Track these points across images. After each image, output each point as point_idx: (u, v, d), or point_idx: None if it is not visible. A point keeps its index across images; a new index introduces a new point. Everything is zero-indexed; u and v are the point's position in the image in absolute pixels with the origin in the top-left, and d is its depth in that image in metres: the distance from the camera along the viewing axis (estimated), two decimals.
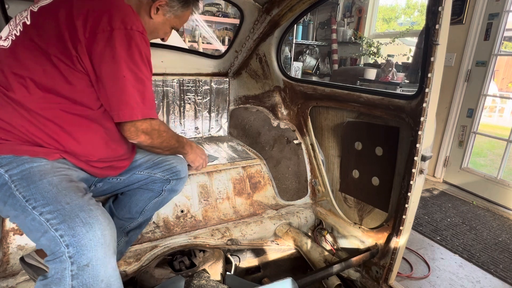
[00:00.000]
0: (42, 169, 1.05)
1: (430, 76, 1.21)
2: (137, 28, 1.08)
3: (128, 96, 1.09)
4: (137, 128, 1.16)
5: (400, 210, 1.46)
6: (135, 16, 1.12)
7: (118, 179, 1.46)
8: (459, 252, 2.31)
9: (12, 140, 1.07)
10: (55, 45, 1.05)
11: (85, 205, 1.00)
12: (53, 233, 0.95)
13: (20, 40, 1.09)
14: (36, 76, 1.06)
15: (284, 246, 1.91)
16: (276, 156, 2.22)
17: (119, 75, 1.06)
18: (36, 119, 1.08)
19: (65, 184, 1.04)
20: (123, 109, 1.10)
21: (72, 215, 0.96)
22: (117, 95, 1.08)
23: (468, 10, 3.19)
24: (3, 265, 1.41)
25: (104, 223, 0.99)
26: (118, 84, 1.07)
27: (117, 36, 1.04)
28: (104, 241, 0.97)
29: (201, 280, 1.43)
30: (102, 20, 1.04)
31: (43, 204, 0.98)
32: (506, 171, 3.28)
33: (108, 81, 1.07)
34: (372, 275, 1.65)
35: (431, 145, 1.37)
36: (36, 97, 1.07)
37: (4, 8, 1.78)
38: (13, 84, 1.06)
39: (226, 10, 5.11)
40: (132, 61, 1.07)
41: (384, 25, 6.61)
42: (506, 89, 8.07)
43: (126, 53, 1.05)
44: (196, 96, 2.54)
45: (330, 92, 1.84)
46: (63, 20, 1.04)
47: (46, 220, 0.96)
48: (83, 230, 0.94)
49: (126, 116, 1.11)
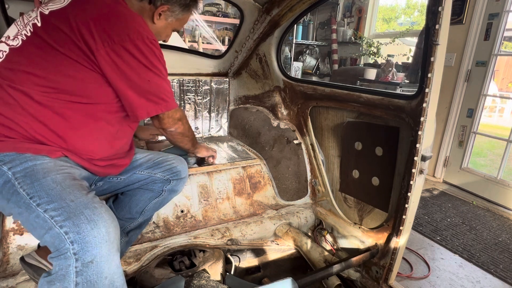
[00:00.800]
0: (45, 167, 1.06)
1: (430, 76, 1.21)
2: (152, 37, 1.17)
3: (159, 93, 1.22)
4: (173, 117, 1.35)
5: (400, 210, 1.46)
6: (146, 26, 1.19)
7: (118, 179, 1.47)
8: (459, 252, 2.31)
9: (15, 138, 1.07)
10: (69, 48, 1.07)
11: (90, 203, 1.01)
12: (58, 230, 0.95)
13: (31, 40, 1.11)
14: (48, 74, 1.08)
15: (284, 246, 1.91)
16: (276, 156, 2.22)
17: (143, 80, 1.17)
18: (42, 115, 1.09)
19: (68, 182, 1.05)
20: (159, 103, 1.24)
21: (77, 212, 0.97)
22: (146, 94, 1.19)
23: (468, 10, 3.19)
24: (3, 265, 1.41)
25: (108, 221, 1.00)
26: (144, 87, 1.18)
27: (135, 47, 1.11)
28: (108, 238, 0.98)
29: (201, 280, 1.43)
30: (120, 31, 1.09)
31: (47, 201, 0.98)
32: (506, 171, 3.28)
33: (135, 87, 1.16)
34: (372, 275, 1.65)
35: (431, 145, 1.37)
36: (46, 93, 1.08)
37: (4, 8, 1.78)
38: (23, 81, 1.07)
39: (226, 10, 5.11)
40: (153, 66, 1.17)
41: (384, 25, 6.61)
42: (506, 89, 8.07)
43: (146, 60, 1.15)
44: (196, 96, 2.54)
45: (330, 92, 1.84)
46: (76, 27, 1.07)
47: (50, 217, 0.97)
48: (88, 227, 0.95)
49: (163, 108, 1.26)
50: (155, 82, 1.20)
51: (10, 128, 1.07)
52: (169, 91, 1.28)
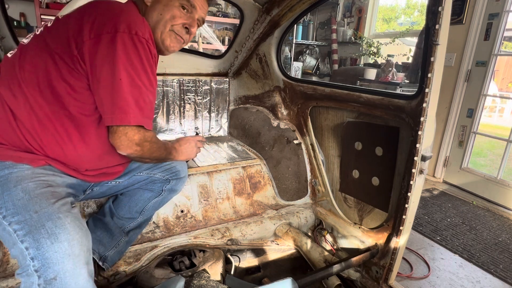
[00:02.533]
0: (20, 175, 1.02)
1: (430, 76, 1.21)
2: (142, 34, 1.06)
3: (122, 100, 1.04)
4: (129, 138, 1.08)
5: (400, 210, 1.46)
6: (142, 23, 1.10)
7: (116, 182, 1.46)
8: (459, 252, 2.31)
9: (3, 144, 1.06)
10: (59, 44, 1.07)
11: (54, 213, 0.96)
12: (20, 245, 0.93)
13: (36, 38, 1.13)
14: (37, 75, 1.07)
15: (284, 246, 1.91)
16: (276, 156, 2.22)
17: (115, 77, 1.03)
18: (28, 121, 1.06)
19: (39, 191, 1.01)
20: (116, 113, 1.04)
21: (38, 226, 0.93)
22: (111, 97, 1.04)
23: (468, 10, 3.19)
24: (3, 265, 1.41)
25: (72, 232, 0.95)
26: (114, 86, 1.03)
27: (120, 39, 1.02)
28: (71, 251, 0.93)
29: (201, 280, 1.43)
30: (108, 23, 1.04)
31: (12, 213, 0.96)
32: (506, 171, 3.28)
33: (105, 82, 1.04)
34: (372, 275, 1.65)
35: (431, 145, 1.37)
36: (34, 94, 1.07)
37: (4, 8, 1.78)
38: (20, 79, 1.07)
39: (226, 10, 5.10)
40: (131, 66, 1.04)
41: (384, 25, 6.61)
42: (506, 89, 8.07)
43: (126, 56, 1.03)
44: (196, 96, 2.54)
45: (330, 92, 1.84)
46: (73, 24, 1.07)
47: (14, 230, 0.94)
48: (48, 242, 0.91)
49: (118, 120, 1.05)
50: (126, 83, 1.03)
51: None
52: (137, 100, 1.06)
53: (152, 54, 1.12)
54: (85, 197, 1.40)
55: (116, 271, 1.49)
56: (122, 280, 1.49)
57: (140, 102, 1.07)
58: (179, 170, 1.58)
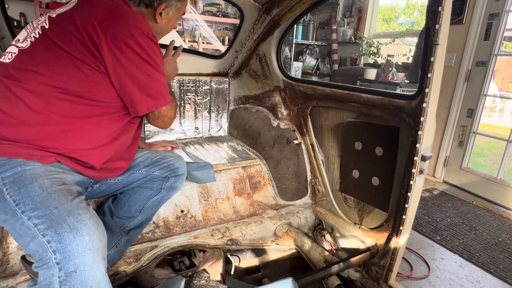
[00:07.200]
0: (34, 172, 1.04)
1: (430, 76, 1.21)
2: (152, 33, 1.19)
3: (153, 90, 1.22)
4: (169, 115, 1.32)
5: (400, 210, 1.46)
6: (146, 23, 1.21)
7: (116, 180, 1.47)
8: (459, 252, 2.31)
9: (12, 141, 1.07)
10: (76, 47, 1.09)
11: (74, 209, 1.00)
12: (41, 238, 0.94)
13: (39, 42, 1.14)
14: (54, 74, 1.09)
15: (284, 246, 1.91)
16: (276, 156, 2.22)
17: (146, 72, 1.18)
18: (42, 118, 1.09)
19: (55, 188, 1.04)
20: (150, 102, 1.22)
21: (60, 220, 0.96)
22: (142, 90, 1.19)
23: (468, 10, 3.19)
24: (3, 265, 1.41)
25: (92, 228, 0.99)
26: (145, 81, 1.19)
27: (137, 41, 1.13)
28: (92, 246, 0.96)
29: (201, 280, 1.43)
30: (121, 27, 1.12)
31: (31, 209, 0.98)
32: (506, 171, 3.28)
33: (138, 79, 1.17)
34: (372, 275, 1.65)
35: (431, 145, 1.37)
36: (48, 94, 1.09)
37: (4, 8, 1.78)
38: (29, 80, 1.08)
39: (226, 10, 5.10)
40: (153, 61, 1.19)
41: (384, 25, 6.61)
42: (506, 89, 8.07)
43: (147, 55, 1.17)
44: (196, 96, 2.54)
45: (330, 92, 1.84)
46: (81, 27, 1.10)
47: (34, 225, 0.96)
48: (70, 235, 0.94)
49: (153, 106, 1.23)
50: (155, 77, 1.21)
51: (13, 128, 1.07)
52: (166, 86, 1.29)
53: (158, 45, 1.24)
54: (85, 196, 1.40)
55: (116, 271, 1.49)
56: (122, 280, 1.49)
57: (162, 86, 1.26)
58: (178, 167, 1.59)
